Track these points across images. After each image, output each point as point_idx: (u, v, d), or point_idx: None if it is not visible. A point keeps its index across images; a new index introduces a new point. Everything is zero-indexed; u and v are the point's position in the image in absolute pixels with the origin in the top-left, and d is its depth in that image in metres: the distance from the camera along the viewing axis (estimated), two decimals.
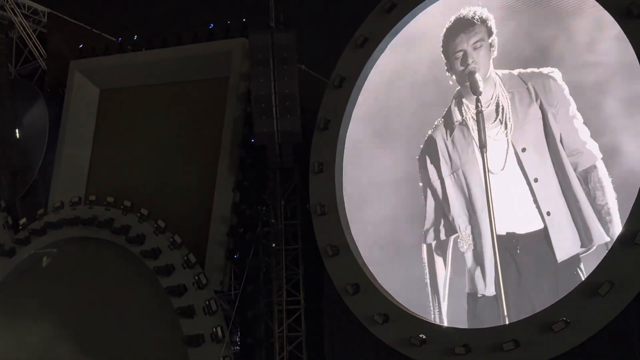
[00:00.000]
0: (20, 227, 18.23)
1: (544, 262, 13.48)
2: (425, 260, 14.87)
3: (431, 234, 14.95)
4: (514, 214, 13.91)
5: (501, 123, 14.40)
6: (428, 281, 14.74)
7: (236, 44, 17.84)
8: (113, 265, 17.06)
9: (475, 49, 14.93)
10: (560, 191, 13.54)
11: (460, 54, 15.11)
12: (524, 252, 13.69)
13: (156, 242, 16.57)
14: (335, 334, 15.40)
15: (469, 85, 14.85)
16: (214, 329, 15.55)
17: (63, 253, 17.75)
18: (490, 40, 14.81)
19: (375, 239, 15.45)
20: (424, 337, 13.80)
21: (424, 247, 14.95)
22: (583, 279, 12.84)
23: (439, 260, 14.79)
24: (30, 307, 16.80)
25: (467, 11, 15.23)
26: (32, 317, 16.58)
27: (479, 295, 14.14)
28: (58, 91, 19.96)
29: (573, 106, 13.66)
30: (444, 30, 15.46)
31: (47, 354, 16.30)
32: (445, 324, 14.23)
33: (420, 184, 15.29)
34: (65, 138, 19.27)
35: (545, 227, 13.55)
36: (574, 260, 13.21)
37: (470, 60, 14.90)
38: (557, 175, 13.63)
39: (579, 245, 13.21)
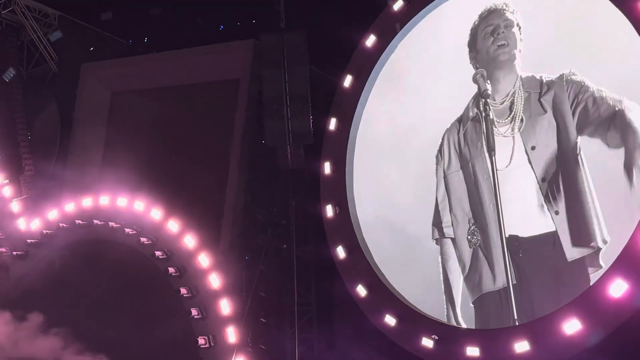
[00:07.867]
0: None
1: (547, 264, 13.31)
2: (439, 259, 14.70)
3: (437, 231, 14.77)
4: (521, 214, 13.66)
5: (513, 120, 14.26)
6: (441, 279, 14.61)
7: (246, 46, 17.85)
8: (126, 267, 17.03)
9: (506, 27, 14.27)
10: (568, 189, 13.25)
11: (491, 28, 14.39)
12: (526, 255, 13.48)
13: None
14: (347, 335, 15.38)
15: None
16: (226, 331, 15.53)
17: (76, 255, 17.79)
18: (518, 36, 14.24)
19: (388, 239, 15.30)
20: (437, 337, 13.73)
21: (433, 243, 14.80)
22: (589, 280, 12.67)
23: (448, 257, 14.61)
24: (46, 308, 16.86)
25: (499, 2, 14.55)
26: (47, 319, 16.65)
27: (483, 293, 14.01)
28: (69, 94, 20.06)
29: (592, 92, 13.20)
30: (476, 18, 14.73)
31: (63, 354, 16.36)
32: (462, 324, 14.09)
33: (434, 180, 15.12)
34: (77, 140, 19.38)
35: (555, 228, 13.29)
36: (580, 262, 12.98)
37: (500, 31, 14.23)
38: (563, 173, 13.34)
39: (582, 245, 12.95)
